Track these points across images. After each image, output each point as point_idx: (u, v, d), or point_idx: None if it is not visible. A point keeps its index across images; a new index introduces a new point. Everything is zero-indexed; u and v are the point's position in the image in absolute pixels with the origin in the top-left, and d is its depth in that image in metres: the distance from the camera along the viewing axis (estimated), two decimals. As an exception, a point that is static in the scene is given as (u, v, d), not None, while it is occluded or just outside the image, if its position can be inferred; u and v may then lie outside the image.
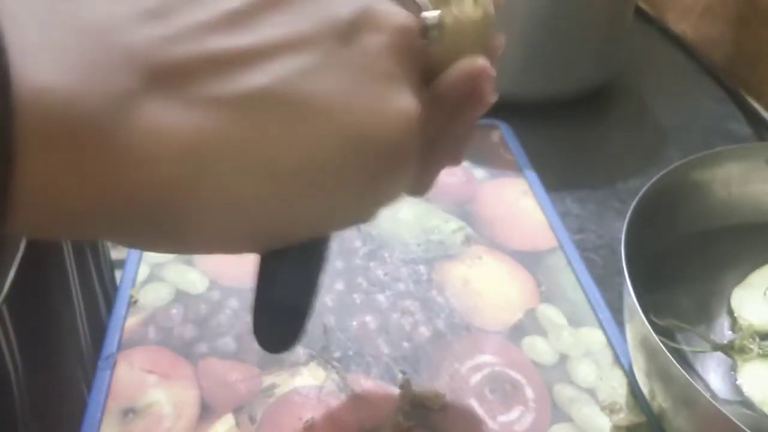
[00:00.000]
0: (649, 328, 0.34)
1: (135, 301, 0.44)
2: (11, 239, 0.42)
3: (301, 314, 0.24)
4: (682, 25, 0.79)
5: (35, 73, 0.16)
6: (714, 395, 0.38)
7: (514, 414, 0.38)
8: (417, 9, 0.26)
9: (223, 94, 0.18)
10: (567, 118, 0.64)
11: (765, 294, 0.43)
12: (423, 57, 0.24)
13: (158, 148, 0.17)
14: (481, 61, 0.26)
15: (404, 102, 0.21)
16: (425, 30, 0.26)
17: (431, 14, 0.26)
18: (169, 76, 0.18)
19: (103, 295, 0.58)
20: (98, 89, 0.16)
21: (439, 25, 0.26)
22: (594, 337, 0.43)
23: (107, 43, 0.17)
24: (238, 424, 0.37)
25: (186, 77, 0.18)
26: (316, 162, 0.19)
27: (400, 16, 0.22)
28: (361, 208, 0.22)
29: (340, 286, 0.46)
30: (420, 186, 0.29)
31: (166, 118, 0.17)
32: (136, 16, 0.18)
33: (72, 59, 0.16)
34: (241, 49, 0.18)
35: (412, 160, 0.22)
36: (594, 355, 0.42)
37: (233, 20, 0.19)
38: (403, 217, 0.51)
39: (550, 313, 0.44)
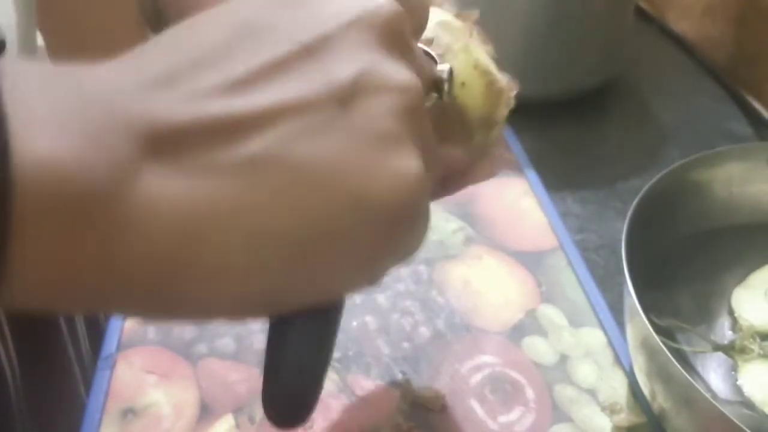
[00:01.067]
0: (650, 328, 0.34)
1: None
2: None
3: (313, 384, 0.23)
4: (682, 24, 0.79)
5: (35, 144, 0.15)
6: (714, 395, 0.38)
7: (515, 414, 0.38)
8: (431, 62, 0.26)
9: (222, 161, 0.18)
10: (567, 118, 0.64)
11: (765, 294, 0.43)
12: (435, 111, 0.24)
13: (158, 219, 0.17)
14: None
15: (407, 163, 0.20)
16: (438, 83, 0.25)
17: (442, 67, 0.26)
18: (170, 143, 0.17)
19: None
20: (98, 159, 0.16)
21: (450, 78, 0.26)
22: (594, 337, 0.43)
23: (109, 112, 0.17)
24: (237, 425, 0.37)
25: (185, 144, 0.18)
26: (316, 227, 0.19)
27: (401, 75, 0.21)
28: (367, 272, 0.22)
29: (340, 286, 0.45)
30: None
31: (166, 186, 0.17)
32: (139, 85, 0.18)
33: (72, 129, 0.16)
34: (239, 115, 0.18)
35: (422, 221, 0.22)
36: (594, 356, 0.42)
37: (233, 87, 0.19)
38: (403, 217, 0.51)
39: (550, 314, 0.44)
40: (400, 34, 0.22)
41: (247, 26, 0.20)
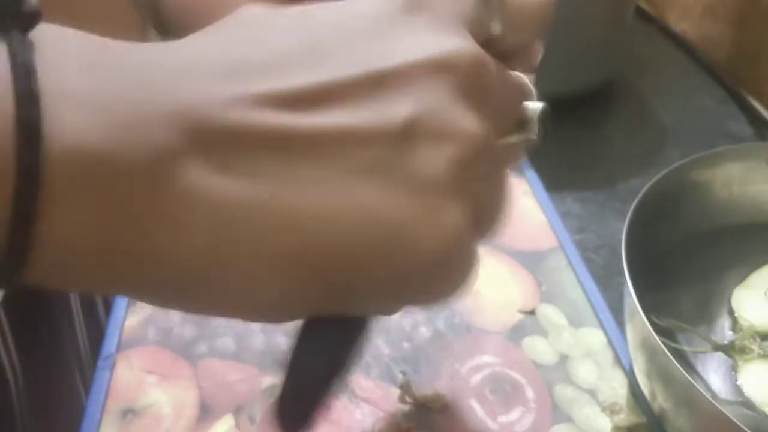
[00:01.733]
0: (650, 328, 0.34)
1: (134, 302, 0.44)
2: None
3: (322, 392, 0.23)
4: (682, 24, 0.79)
5: (69, 126, 0.15)
6: (714, 396, 0.38)
7: (515, 414, 0.38)
8: (519, 96, 0.24)
9: (270, 173, 0.18)
10: (567, 118, 0.63)
11: (765, 294, 0.43)
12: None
13: (192, 213, 0.17)
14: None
15: (449, 218, 0.20)
16: (526, 122, 0.24)
17: (534, 106, 0.24)
18: (218, 141, 0.17)
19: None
20: (138, 147, 0.16)
21: (540, 118, 0.24)
22: (594, 337, 0.43)
23: (157, 97, 0.17)
24: (237, 425, 0.37)
25: (234, 147, 0.17)
26: (349, 258, 0.19)
27: (465, 123, 0.20)
28: (388, 308, 0.22)
29: (340, 286, 0.45)
30: None
31: (207, 183, 0.17)
32: (195, 73, 0.18)
33: (113, 112, 0.16)
34: (294, 132, 0.18)
35: (459, 272, 0.21)
36: (594, 356, 0.42)
37: (293, 101, 0.18)
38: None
39: (550, 314, 0.44)
40: (477, 82, 0.21)
41: (322, 41, 0.19)
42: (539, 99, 0.26)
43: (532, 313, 0.44)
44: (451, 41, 0.21)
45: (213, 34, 0.19)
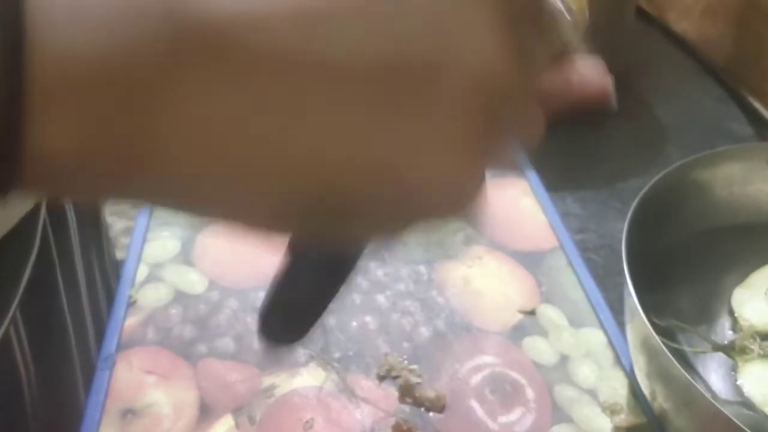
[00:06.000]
0: (650, 328, 0.34)
1: (134, 302, 0.44)
2: (28, 236, 0.42)
3: (311, 318, 0.23)
4: (682, 24, 0.79)
5: (59, 28, 0.15)
6: (715, 396, 0.38)
7: (515, 415, 0.38)
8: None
9: (267, 97, 0.16)
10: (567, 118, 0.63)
11: (766, 294, 0.43)
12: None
13: (186, 128, 0.16)
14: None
15: (466, 179, 0.18)
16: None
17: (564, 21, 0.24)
18: (213, 56, 0.16)
19: (106, 295, 0.58)
20: (127, 52, 0.15)
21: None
22: (595, 337, 0.43)
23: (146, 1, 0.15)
24: (237, 425, 0.37)
25: (232, 65, 0.16)
26: (340, 194, 0.17)
27: (491, 62, 0.18)
28: (386, 239, 0.21)
29: (339, 286, 0.45)
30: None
31: (201, 100, 0.16)
32: None
33: (103, 16, 0.15)
34: (304, 61, 0.16)
35: (468, 198, 0.20)
36: (595, 356, 0.41)
37: (307, 16, 0.16)
38: (403, 217, 0.51)
39: (550, 314, 0.44)
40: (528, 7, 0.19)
41: None
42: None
43: (532, 313, 0.44)
44: None
45: None
